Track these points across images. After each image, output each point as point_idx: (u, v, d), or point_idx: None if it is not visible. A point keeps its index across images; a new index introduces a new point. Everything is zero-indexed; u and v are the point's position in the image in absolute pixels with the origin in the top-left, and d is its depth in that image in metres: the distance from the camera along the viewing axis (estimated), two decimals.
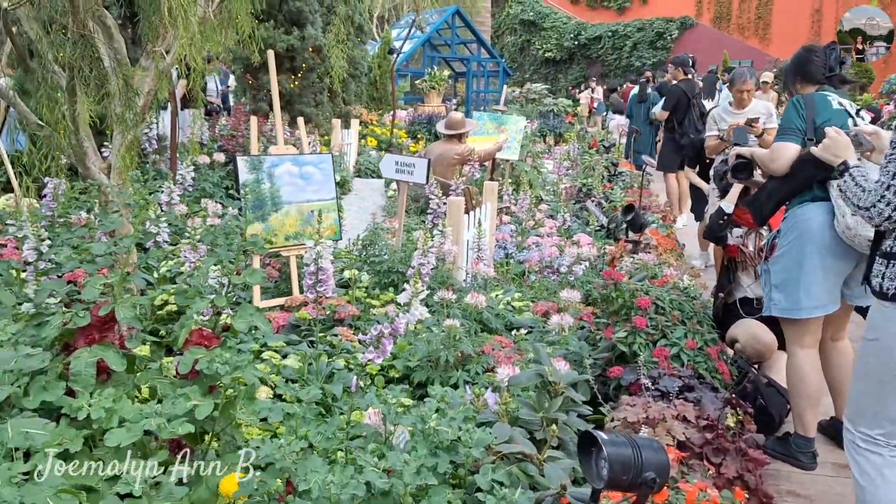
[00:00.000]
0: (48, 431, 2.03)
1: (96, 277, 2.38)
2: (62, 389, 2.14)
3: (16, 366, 2.13)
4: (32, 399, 2.11)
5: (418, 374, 3.36)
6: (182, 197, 6.09)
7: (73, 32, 2.48)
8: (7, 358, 1.68)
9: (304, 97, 10.35)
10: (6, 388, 2.00)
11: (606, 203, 7.68)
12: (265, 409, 2.16)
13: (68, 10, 2.39)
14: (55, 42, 2.67)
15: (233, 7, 3.23)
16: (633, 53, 26.43)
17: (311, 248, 3.45)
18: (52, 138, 2.70)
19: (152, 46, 3.10)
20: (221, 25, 3.47)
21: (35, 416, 1.97)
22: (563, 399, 2.25)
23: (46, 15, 2.61)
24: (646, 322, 2.97)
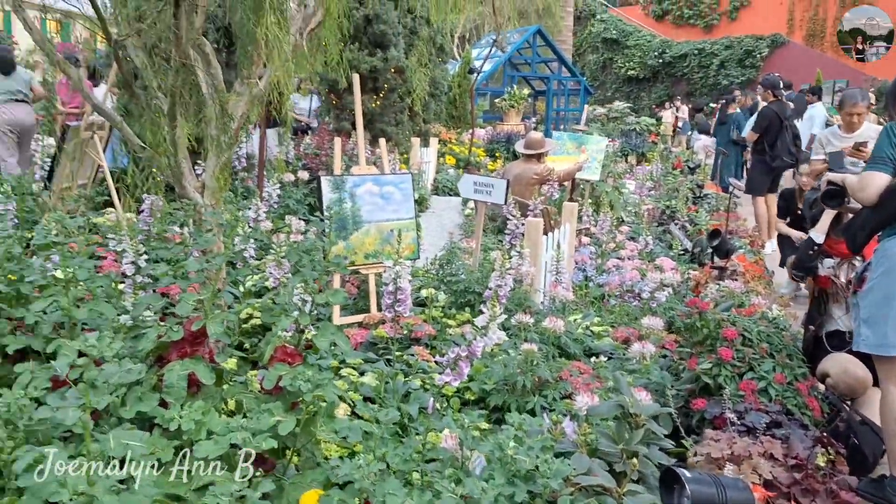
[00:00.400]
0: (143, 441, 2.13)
1: (189, 294, 2.49)
2: (156, 401, 2.24)
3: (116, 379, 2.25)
4: (129, 409, 2.22)
5: (494, 397, 3.36)
6: (267, 213, 6.30)
7: (175, 61, 2.62)
8: (112, 372, 1.77)
9: (385, 116, 10.56)
10: (106, 397, 2.10)
11: (691, 226, 7.49)
12: (345, 428, 2.19)
13: (172, 39, 2.54)
14: (158, 69, 2.83)
15: (322, 34, 3.34)
16: (720, 72, 25.74)
17: (390, 267, 3.51)
18: (154, 159, 2.85)
19: (247, 73, 3.23)
20: (311, 52, 3.59)
21: (133, 427, 2.06)
22: (644, 431, 2.20)
23: (151, 44, 2.77)
24: (732, 354, 2.87)
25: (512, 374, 3.33)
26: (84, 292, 2.65)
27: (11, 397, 1.88)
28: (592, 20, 29.26)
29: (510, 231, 5.54)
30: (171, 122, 2.75)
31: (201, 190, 3.37)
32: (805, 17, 25.24)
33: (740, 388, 2.78)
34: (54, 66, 2.89)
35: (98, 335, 1.68)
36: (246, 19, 2.59)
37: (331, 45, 3.28)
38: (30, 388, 2.02)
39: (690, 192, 8.88)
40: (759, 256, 6.12)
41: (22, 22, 2.76)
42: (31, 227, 3.98)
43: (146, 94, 2.72)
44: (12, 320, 2.46)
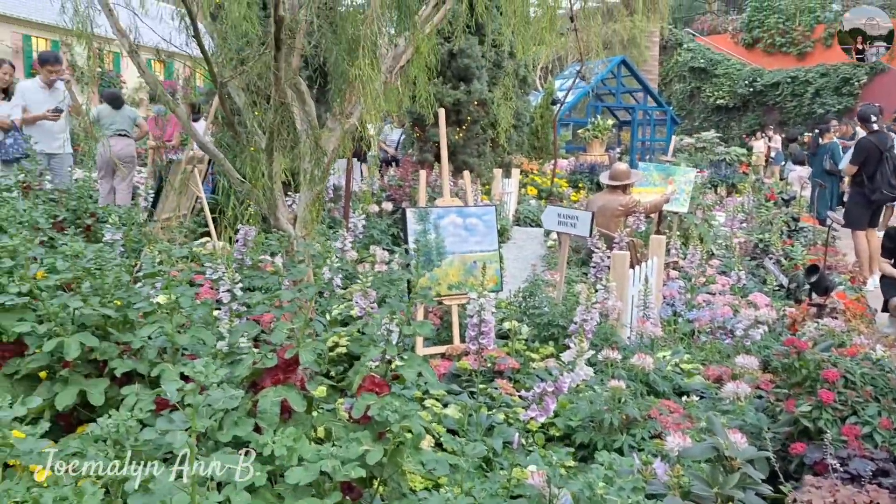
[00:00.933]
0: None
1: (283, 322, 2.57)
2: (251, 426, 2.31)
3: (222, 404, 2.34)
4: (226, 433, 2.30)
5: (580, 435, 3.30)
6: (353, 243, 6.44)
7: (274, 100, 2.75)
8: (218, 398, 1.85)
9: (468, 148, 10.69)
10: (205, 421, 2.19)
11: (786, 261, 7.20)
12: (432, 460, 2.20)
13: (272, 80, 2.67)
14: (258, 108, 2.98)
15: (411, 71, 3.43)
16: (815, 100, 24.81)
17: (473, 298, 3.53)
18: (251, 192, 2.98)
19: (339, 109, 3.35)
20: (400, 88, 3.69)
21: (233, 451, 2.14)
22: (740, 475, 2.12)
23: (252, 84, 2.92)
24: (833, 396, 2.73)
25: (598, 412, 3.27)
26: (185, 319, 2.78)
27: (120, 419, 1.98)
28: (679, 49, 28.83)
29: (595, 264, 5.47)
30: (269, 158, 2.88)
31: (293, 221, 3.49)
32: None
33: (843, 433, 2.63)
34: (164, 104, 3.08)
35: (204, 362, 1.75)
36: (340, 60, 2.69)
37: (419, 81, 3.36)
38: (135, 410, 2.12)
39: (785, 224, 8.55)
40: (861, 294, 5.81)
41: (136, 66, 2.96)
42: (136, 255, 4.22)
43: (246, 131, 2.86)
44: (120, 345, 2.60)
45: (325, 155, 3.05)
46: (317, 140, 2.93)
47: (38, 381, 2.57)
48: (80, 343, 2.39)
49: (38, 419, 2.46)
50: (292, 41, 3.11)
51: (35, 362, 2.46)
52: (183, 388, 1.70)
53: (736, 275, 5.80)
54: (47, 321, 2.47)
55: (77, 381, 2.43)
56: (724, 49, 28.32)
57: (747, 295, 5.64)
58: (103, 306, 2.60)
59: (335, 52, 2.72)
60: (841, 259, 7.25)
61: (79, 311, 2.52)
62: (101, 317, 2.60)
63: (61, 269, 2.60)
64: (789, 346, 2.98)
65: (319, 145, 2.96)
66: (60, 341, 2.37)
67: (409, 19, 2.94)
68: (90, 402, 2.42)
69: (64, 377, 2.43)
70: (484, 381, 4.08)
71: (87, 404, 2.52)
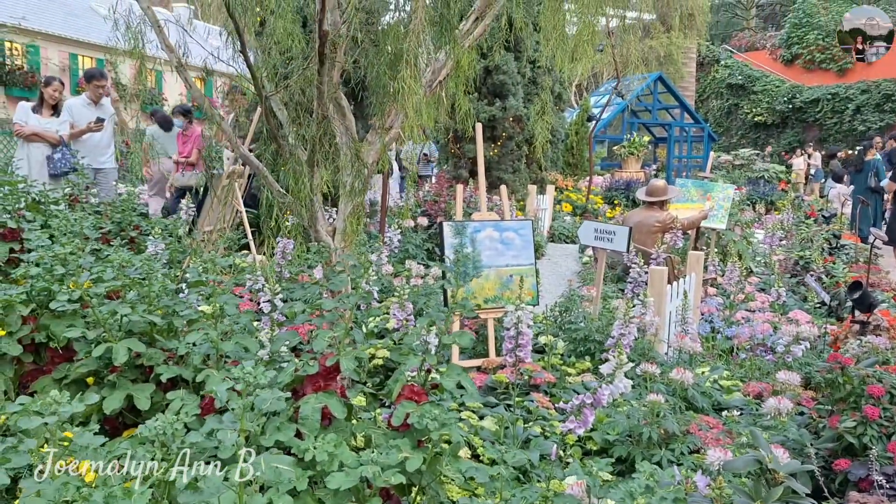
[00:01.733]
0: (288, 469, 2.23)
1: (324, 331, 2.61)
2: (293, 431, 2.35)
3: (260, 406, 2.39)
4: (268, 438, 2.34)
5: (618, 448, 3.27)
6: (389, 258, 6.49)
7: (317, 114, 2.80)
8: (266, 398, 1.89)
9: (503, 164, 10.73)
10: (248, 425, 2.23)
11: (827, 278, 7.07)
12: (471, 468, 2.21)
13: (315, 94, 2.72)
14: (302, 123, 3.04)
15: (449, 86, 3.47)
16: (855, 117, 24.39)
17: (511, 311, 3.53)
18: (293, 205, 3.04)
19: (379, 123, 3.41)
20: (438, 102, 3.74)
21: (280, 454, 2.17)
22: (783, 489, 2.08)
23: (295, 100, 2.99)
24: (879, 412, 2.67)
25: (637, 426, 3.24)
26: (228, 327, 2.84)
27: (167, 421, 2.03)
28: (716, 66, 28.62)
29: (633, 279, 5.44)
30: (311, 170, 2.93)
31: (333, 233, 3.54)
32: None
33: (888, 450, 2.57)
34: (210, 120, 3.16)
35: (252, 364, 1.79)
36: (382, 74, 2.75)
37: (459, 95, 3.40)
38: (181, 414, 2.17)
39: (826, 242, 8.40)
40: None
41: (184, 81, 3.05)
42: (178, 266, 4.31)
43: (289, 145, 2.92)
44: (165, 351, 2.66)
45: (364, 167, 3.10)
46: (357, 153, 2.98)
47: (86, 386, 2.64)
48: (127, 349, 2.46)
49: (86, 423, 2.53)
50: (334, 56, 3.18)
51: (84, 367, 2.54)
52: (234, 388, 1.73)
53: (776, 292, 5.71)
54: (96, 327, 2.55)
55: (124, 385, 2.50)
56: (763, 65, 28.03)
57: (787, 312, 5.55)
58: (150, 314, 2.67)
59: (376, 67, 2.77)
60: (884, 277, 7.10)
61: (126, 318, 2.59)
62: (147, 324, 2.67)
63: (109, 278, 2.68)
64: (833, 362, 2.93)
65: (360, 157, 3.01)
66: (109, 346, 2.44)
67: (449, 33, 2.98)
68: (137, 406, 2.48)
69: (112, 381, 2.49)
70: (520, 395, 4.08)
71: (133, 409, 2.59)
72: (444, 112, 4.17)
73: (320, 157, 2.83)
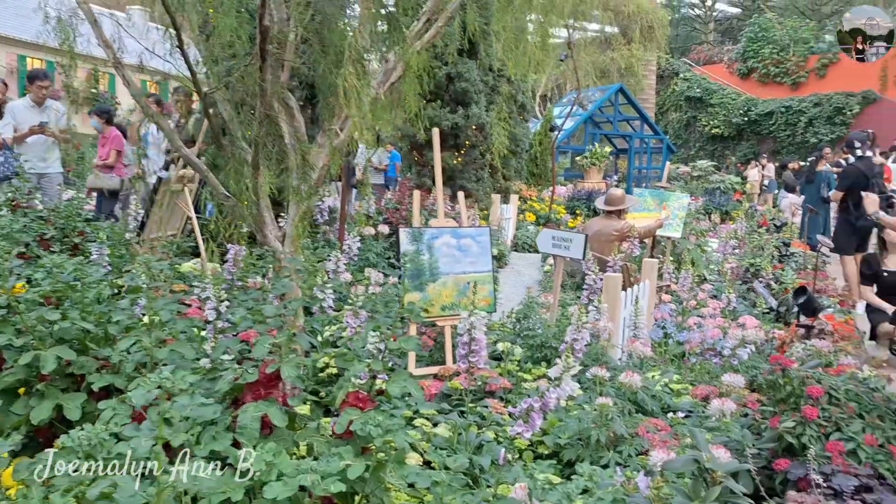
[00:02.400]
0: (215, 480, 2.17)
1: (266, 337, 2.55)
2: (230, 440, 2.29)
3: (191, 414, 2.32)
4: (203, 447, 2.27)
5: (568, 451, 3.27)
6: (348, 265, 6.43)
7: (259, 113, 2.75)
8: (184, 405, 1.82)
9: (466, 173, 10.72)
10: (181, 435, 2.16)
11: (776, 285, 7.19)
12: (413, 474, 2.17)
13: (257, 92, 2.68)
14: (244, 121, 2.99)
15: (403, 88, 3.45)
16: (808, 129, 25.01)
17: (464, 318, 3.51)
18: (236, 208, 2.98)
19: (328, 125, 3.36)
20: (391, 105, 3.71)
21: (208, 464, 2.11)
22: (721, 489, 2.09)
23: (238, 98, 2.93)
24: (817, 413, 2.70)
25: (586, 429, 3.24)
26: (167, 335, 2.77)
27: (93, 431, 1.96)
28: (676, 79, 29.12)
29: (588, 286, 5.46)
30: (254, 172, 2.88)
31: (282, 239, 3.48)
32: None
33: (826, 449, 2.60)
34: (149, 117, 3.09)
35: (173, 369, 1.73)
36: (328, 72, 2.71)
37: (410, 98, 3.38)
38: (111, 424, 2.10)
39: (776, 250, 8.56)
40: (849, 316, 5.79)
41: (121, 77, 2.98)
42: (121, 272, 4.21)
43: (231, 144, 2.86)
44: (99, 359, 2.58)
45: (311, 170, 3.05)
46: (303, 155, 2.94)
47: (17, 396, 2.54)
48: (56, 357, 2.37)
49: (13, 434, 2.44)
50: (281, 53, 3.14)
51: (12, 376, 2.44)
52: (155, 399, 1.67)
53: (726, 298, 5.79)
54: (25, 334, 2.46)
55: (54, 395, 2.41)
56: (720, 79, 28.61)
57: (737, 318, 5.63)
58: (83, 320, 2.58)
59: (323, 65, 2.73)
60: (830, 283, 7.25)
61: (58, 325, 2.50)
62: (80, 331, 2.58)
63: (40, 282, 2.59)
64: (774, 364, 2.97)
65: (306, 160, 2.96)
66: (36, 354, 2.35)
67: (398, 33, 2.96)
68: (66, 416, 2.39)
69: (40, 391, 2.40)
70: (475, 401, 4.06)
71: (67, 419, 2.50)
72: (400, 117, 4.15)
73: (263, 158, 2.77)
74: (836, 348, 4.16)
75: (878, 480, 2.49)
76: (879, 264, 5.83)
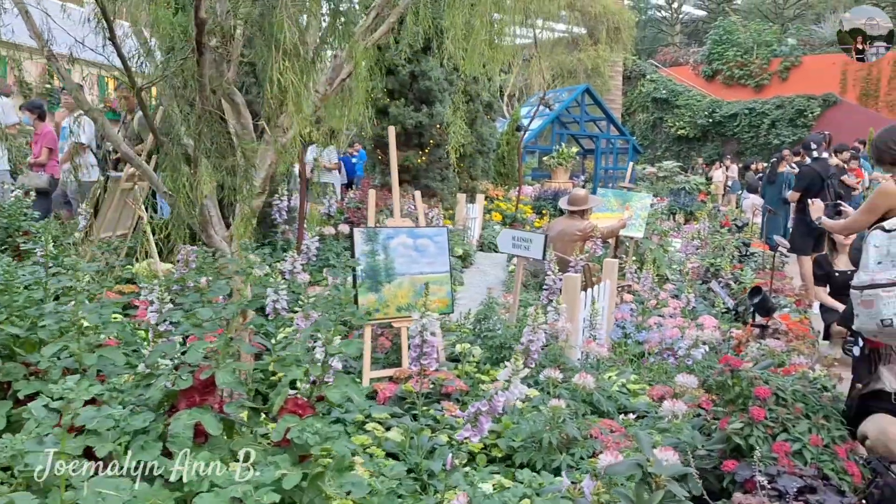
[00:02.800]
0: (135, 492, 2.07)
1: (200, 342, 2.46)
2: (159, 450, 2.19)
3: (121, 422, 2.22)
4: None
5: (520, 455, 3.22)
6: (306, 266, 6.32)
7: (197, 109, 2.66)
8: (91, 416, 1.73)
9: (431, 172, 10.66)
10: (108, 445, 2.07)
11: (735, 285, 7.25)
12: (348, 483, 2.10)
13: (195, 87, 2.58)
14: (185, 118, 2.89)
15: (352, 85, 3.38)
16: (770, 131, 25.40)
17: (416, 319, 3.44)
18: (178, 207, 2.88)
19: (274, 123, 3.27)
20: (342, 102, 3.63)
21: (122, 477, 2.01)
22: (664, 493, 2.05)
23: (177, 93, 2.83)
24: (764, 414, 2.69)
25: (538, 431, 3.20)
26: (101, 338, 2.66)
27: (11, 443, 1.85)
28: (643, 80, 29.36)
29: (548, 286, 5.44)
30: (194, 169, 2.78)
31: (230, 240, 3.38)
32: (858, 76, 24.87)
33: (773, 450, 2.59)
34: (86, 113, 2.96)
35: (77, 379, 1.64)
36: (269, 67, 2.62)
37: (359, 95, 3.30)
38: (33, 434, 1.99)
39: (736, 250, 8.64)
40: (805, 316, 5.85)
41: (56, 71, 2.87)
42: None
43: (170, 141, 2.76)
44: (28, 365, 2.46)
45: (254, 168, 2.96)
46: (244, 152, 2.85)
47: None
48: None
49: None
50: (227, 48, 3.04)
51: None
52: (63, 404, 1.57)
53: (685, 297, 5.80)
54: None
55: None
56: (686, 80, 28.91)
57: (697, 317, 5.64)
58: (12, 325, 2.46)
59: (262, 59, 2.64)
60: (788, 282, 7.33)
61: None
62: (7, 336, 2.46)
63: None
64: (724, 365, 2.95)
65: (249, 159, 2.87)
66: None
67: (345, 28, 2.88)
68: None
69: None
70: (430, 404, 4.00)
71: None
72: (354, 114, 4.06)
73: (202, 155, 2.68)
74: (790, 348, 4.18)
75: (822, 481, 2.48)
76: (831, 265, 5.90)
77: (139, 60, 2.78)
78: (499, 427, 3.55)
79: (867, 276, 2.81)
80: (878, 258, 2.82)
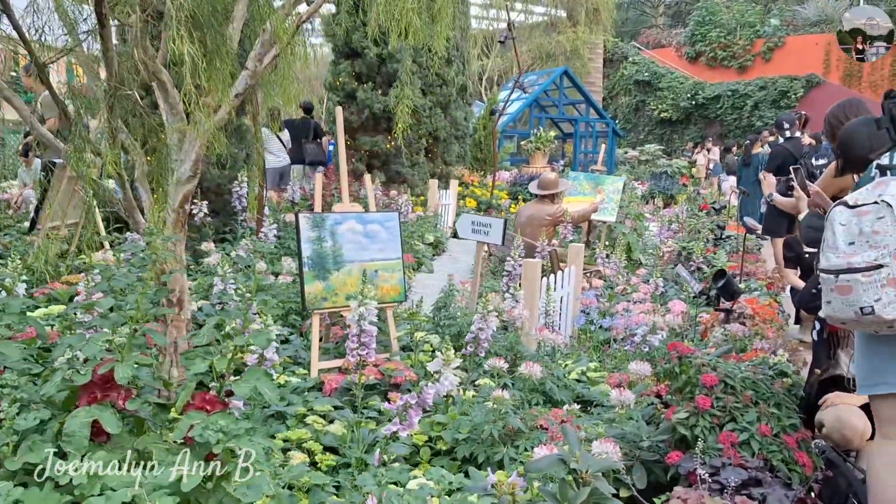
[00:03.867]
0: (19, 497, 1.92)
1: (103, 333, 2.29)
2: (50, 450, 2.03)
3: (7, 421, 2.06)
4: (17, 459, 2.02)
5: (462, 448, 3.08)
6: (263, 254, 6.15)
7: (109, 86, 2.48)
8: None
9: (400, 157, 10.46)
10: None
11: (708, 268, 7.13)
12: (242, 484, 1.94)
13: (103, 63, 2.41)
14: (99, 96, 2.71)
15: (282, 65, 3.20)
16: (753, 113, 25.30)
17: (354, 308, 3.29)
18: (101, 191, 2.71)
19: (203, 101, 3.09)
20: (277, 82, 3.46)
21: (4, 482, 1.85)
22: (590, 490, 1.91)
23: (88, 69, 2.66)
24: (711, 402, 2.55)
25: (481, 424, 3.05)
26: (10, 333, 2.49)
27: None
28: (625, 62, 29.14)
29: (507, 272, 5.28)
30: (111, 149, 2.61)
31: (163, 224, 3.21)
32: (842, 57, 24.75)
33: (719, 441, 2.45)
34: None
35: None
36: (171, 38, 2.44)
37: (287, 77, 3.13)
38: None
39: (711, 233, 8.51)
40: (774, 299, 5.72)
41: None
42: None
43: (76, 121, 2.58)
44: None
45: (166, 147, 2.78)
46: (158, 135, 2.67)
47: None
48: None
49: None
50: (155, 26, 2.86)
51: None
52: None
53: (654, 282, 5.67)
54: None
55: None
56: (669, 62, 28.72)
57: (667, 302, 5.51)
58: None
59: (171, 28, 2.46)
60: (760, 265, 7.21)
61: None
62: None
63: None
64: (671, 351, 2.81)
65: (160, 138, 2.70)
66: None
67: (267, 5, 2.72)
68: None
69: None
70: (379, 395, 3.85)
71: None
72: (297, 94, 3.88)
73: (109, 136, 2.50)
74: (754, 332, 4.05)
75: (770, 473, 2.34)
76: (801, 246, 5.77)
77: (41, 34, 2.59)
78: (444, 419, 3.41)
79: (840, 260, 2.44)
80: (849, 238, 2.46)
